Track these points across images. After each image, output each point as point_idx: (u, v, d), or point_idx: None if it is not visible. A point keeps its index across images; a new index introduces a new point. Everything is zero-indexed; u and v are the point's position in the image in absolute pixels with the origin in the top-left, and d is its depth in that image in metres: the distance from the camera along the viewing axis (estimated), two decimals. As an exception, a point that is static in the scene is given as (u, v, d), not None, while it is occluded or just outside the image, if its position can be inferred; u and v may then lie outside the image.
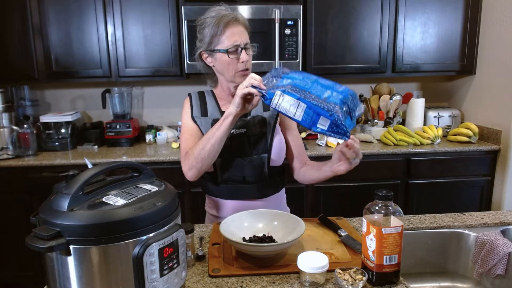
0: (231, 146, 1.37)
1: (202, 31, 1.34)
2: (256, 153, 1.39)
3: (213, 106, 1.44)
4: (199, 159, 1.28)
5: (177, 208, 0.88)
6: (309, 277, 0.99)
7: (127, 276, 0.77)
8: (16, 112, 2.83)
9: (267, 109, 1.43)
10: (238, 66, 1.33)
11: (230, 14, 1.31)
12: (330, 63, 2.79)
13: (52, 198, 0.80)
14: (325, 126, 1.05)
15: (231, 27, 1.30)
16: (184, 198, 2.57)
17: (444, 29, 2.82)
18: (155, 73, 2.73)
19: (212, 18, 1.31)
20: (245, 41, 1.33)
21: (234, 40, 1.30)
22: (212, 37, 1.31)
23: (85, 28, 2.64)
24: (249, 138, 1.38)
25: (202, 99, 1.47)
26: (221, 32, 1.30)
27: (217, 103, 1.45)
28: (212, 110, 1.44)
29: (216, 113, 1.43)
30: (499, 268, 1.25)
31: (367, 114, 2.99)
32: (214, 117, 1.41)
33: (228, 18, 1.30)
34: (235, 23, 1.31)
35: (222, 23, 1.29)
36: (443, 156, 2.66)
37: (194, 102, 1.46)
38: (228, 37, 1.30)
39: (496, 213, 1.48)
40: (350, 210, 2.46)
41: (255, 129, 1.39)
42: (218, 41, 1.31)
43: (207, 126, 1.40)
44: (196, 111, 1.44)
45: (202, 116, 1.43)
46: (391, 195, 0.97)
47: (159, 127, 3.13)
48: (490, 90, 2.79)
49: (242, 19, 1.34)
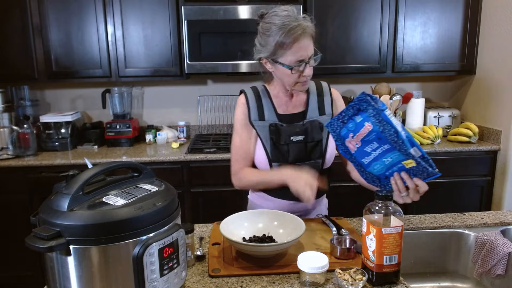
0: (289, 153, 1.36)
1: (265, 38, 1.28)
2: (311, 159, 1.38)
3: (269, 108, 1.41)
4: (250, 186, 1.45)
5: (177, 208, 0.88)
6: (309, 277, 0.99)
7: (127, 276, 0.77)
8: (16, 112, 2.83)
9: (323, 113, 1.42)
10: (301, 78, 1.31)
11: (298, 27, 1.23)
12: (330, 63, 2.79)
13: (52, 198, 0.80)
14: (418, 157, 1.04)
15: (298, 42, 1.24)
16: (184, 198, 2.57)
17: (444, 29, 2.82)
18: (155, 73, 2.72)
19: (279, 29, 1.24)
20: (310, 54, 1.28)
21: (300, 55, 1.26)
22: (277, 48, 1.26)
23: (85, 28, 2.64)
24: (307, 145, 1.37)
25: (258, 99, 1.42)
26: (287, 46, 1.24)
27: (272, 104, 1.42)
28: (268, 113, 1.41)
29: (273, 116, 1.40)
30: (499, 268, 1.25)
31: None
32: (271, 121, 1.39)
33: (296, 32, 1.23)
34: (302, 37, 1.24)
35: (290, 37, 1.23)
36: (443, 156, 2.66)
37: (251, 103, 1.41)
38: (294, 52, 1.25)
39: (496, 213, 1.48)
40: (350, 210, 2.45)
41: (312, 135, 1.37)
42: (283, 54, 1.27)
43: (264, 131, 1.38)
44: (253, 114, 1.40)
45: (260, 120, 1.40)
46: (391, 195, 0.97)
47: (159, 127, 3.13)
48: (490, 90, 2.79)
49: (309, 30, 1.26)
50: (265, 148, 1.38)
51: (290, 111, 1.42)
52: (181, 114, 3.17)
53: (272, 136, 1.37)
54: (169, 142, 2.95)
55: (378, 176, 1.15)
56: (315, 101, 1.43)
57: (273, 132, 1.37)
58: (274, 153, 1.37)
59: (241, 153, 1.42)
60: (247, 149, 1.41)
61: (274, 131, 1.37)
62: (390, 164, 1.09)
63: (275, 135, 1.37)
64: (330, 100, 1.45)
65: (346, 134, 1.11)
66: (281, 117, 1.41)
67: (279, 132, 1.36)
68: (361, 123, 1.06)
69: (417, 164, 1.04)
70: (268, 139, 1.38)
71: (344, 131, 1.12)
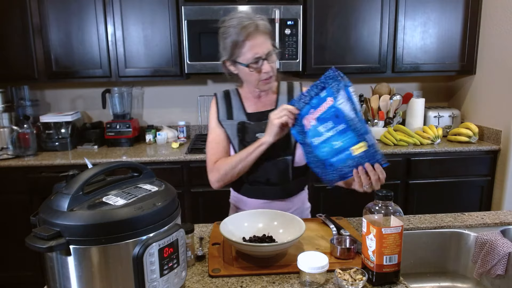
0: None
1: (224, 41, 1.32)
2: (280, 156, 1.39)
3: (238, 108, 1.44)
4: (229, 176, 1.36)
5: (177, 208, 0.88)
6: (309, 277, 0.99)
7: (127, 276, 0.77)
8: (16, 112, 2.83)
9: None
10: (261, 75, 1.32)
11: (251, 24, 1.27)
12: (330, 63, 2.79)
13: (52, 198, 0.80)
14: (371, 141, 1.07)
15: (251, 39, 1.27)
16: (184, 198, 2.57)
17: (444, 29, 2.82)
18: (155, 73, 2.73)
19: (234, 28, 1.28)
20: (267, 51, 1.30)
21: (255, 52, 1.28)
22: (233, 48, 1.30)
23: (85, 28, 2.64)
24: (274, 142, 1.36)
25: (227, 99, 1.46)
26: (241, 44, 1.28)
27: (242, 104, 1.45)
28: (237, 112, 1.43)
29: (241, 116, 1.42)
30: (499, 268, 1.25)
31: (367, 114, 2.99)
32: (239, 119, 1.42)
33: (248, 29, 1.26)
34: (255, 34, 1.27)
35: (242, 35, 1.26)
36: (443, 156, 2.66)
37: (220, 104, 1.46)
38: (249, 50, 1.28)
39: (496, 213, 1.48)
40: (350, 210, 2.45)
41: None
42: (240, 53, 1.30)
43: (233, 129, 1.41)
44: (222, 114, 1.44)
45: (228, 119, 1.43)
46: (391, 195, 0.97)
47: (159, 127, 3.13)
48: (490, 90, 2.79)
49: (263, 27, 1.30)
50: (233, 145, 1.41)
51: (259, 109, 1.44)
52: (181, 114, 3.17)
53: (239, 134, 1.40)
54: (169, 142, 2.95)
55: (323, 160, 1.15)
56: (285, 100, 1.43)
57: (239, 130, 1.40)
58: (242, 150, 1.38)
59: (215, 150, 1.43)
60: (222, 146, 1.43)
61: (241, 129, 1.40)
62: (338, 149, 1.11)
63: (241, 133, 1.40)
64: None
65: (307, 111, 1.16)
66: (250, 116, 1.43)
67: (246, 130, 1.39)
68: (324, 98, 1.10)
69: (368, 147, 1.06)
70: (236, 137, 1.40)
71: (307, 108, 1.16)
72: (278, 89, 1.47)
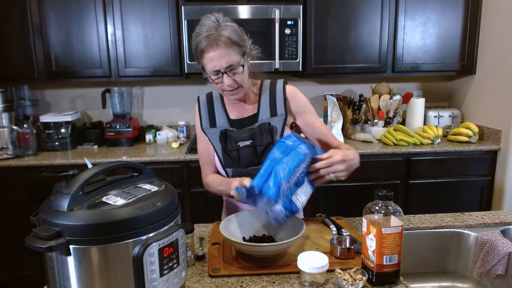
0: (239, 159, 1.35)
1: (193, 45, 1.27)
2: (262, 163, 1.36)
3: (221, 114, 1.41)
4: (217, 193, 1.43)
5: (177, 208, 0.88)
6: (309, 277, 0.99)
7: (127, 276, 0.77)
8: (16, 112, 2.83)
9: (274, 114, 1.36)
10: (224, 87, 1.28)
11: (213, 35, 1.20)
12: (330, 63, 2.79)
13: (52, 198, 0.80)
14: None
15: (209, 52, 1.21)
16: (184, 198, 2.57)
17: (444, 29, 2.82)
18: (155, 73, 2.72)
19: (196, 37, 1.23)
20: (226, 65, 1.22)
21: (213, 65, 1.23)
22: (197, 55, 1.27)
23: (85, 28, 2.64)
24: (256, 149, 1.34)
25: (210, 105, 1.43)
26: (200, 55, 1.25)
27: (225, 109, 1.42)
28: (220, 119, 1.40)
29: (224, 122, 1.39)
30: (499, 268, 1.25)
31: (367, 114, 2.99)
32: (222, 127, 1.39)
33: (204, 43, 1.20)
34: (213, 46, 1.20)
35: (199, 49, 1.23)
36: (443, 156, 2.66)
37: (202, 111, 1.43)
38: (208, 63, 1.24)
39: (496, 213, 1.48)
40: (350, 210, 2.46)
41: (262, 139, 1.33)
42: (203, 62, 1.26)
43: (215, 137, 1.39)
44: (205, 122, 1.42)
45: (211, 128, 1.40)
46: (391, 195, 0.97)
47: (159, 127, 3.13)
48: (490, 90, 2.79)
49: (225, 40, 1.20)
50: (217, 154, 1.40)
51: (242, 115, 1.40)
52: (181, 114, 3.17)
53: (221, 143, 1.37)
54: (169, 142, 2.95)
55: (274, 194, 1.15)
56: (267, 102, 1.38)
57: (221, 139, 1.37)
58: (226, 159, 1.37)
59: (204, 159, 1.46)
60: (209, 155, 1.44)
61: (223, 137, 1.37)
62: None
63: (223, 141, 1.37)
64: (283, 99, 1.37)
65: None
66: (232, 123, 1.39)
67: (228, 139, 1.36)
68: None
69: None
70: (218, 144, 1.39)
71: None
72: (261, 90, 1.41)
